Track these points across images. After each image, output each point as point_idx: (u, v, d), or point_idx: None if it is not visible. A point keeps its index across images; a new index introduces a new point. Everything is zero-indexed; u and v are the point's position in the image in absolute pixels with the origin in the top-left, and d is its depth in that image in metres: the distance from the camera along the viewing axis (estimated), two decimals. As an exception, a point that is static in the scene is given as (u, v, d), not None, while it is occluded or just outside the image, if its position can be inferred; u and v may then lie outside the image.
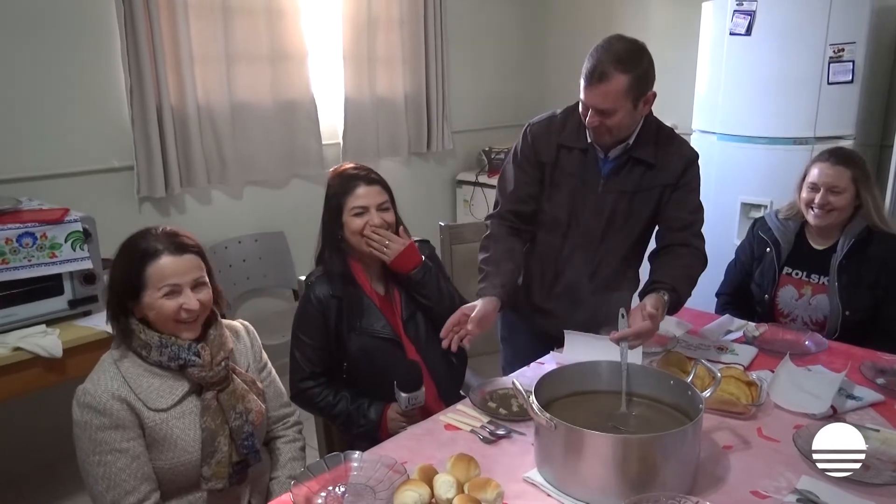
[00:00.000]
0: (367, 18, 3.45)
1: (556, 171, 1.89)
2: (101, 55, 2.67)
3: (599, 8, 4.06)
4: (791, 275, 2.16)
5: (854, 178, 2.03)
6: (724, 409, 1.53)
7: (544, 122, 1.93)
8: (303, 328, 1.81)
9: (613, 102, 1.69)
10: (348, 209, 1.77)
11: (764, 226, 2.24)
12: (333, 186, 1.82)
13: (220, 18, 2.92)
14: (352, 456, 1.36)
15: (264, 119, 3.16)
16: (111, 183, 2.77)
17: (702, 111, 3.23)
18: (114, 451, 1.35)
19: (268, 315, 3.37)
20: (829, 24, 2.75)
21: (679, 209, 1.86)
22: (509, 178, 1.96)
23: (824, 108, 2.83)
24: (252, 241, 3.26)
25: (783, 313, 2.18)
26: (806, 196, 2.09)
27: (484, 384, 1.70)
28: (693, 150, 1.90)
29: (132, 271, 1.39)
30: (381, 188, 1.81)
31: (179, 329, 1.42)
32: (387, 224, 1.78)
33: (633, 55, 1.69)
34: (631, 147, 1.83)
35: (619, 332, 1.55)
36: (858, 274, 2.04)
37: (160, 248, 1.40)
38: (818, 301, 2.11)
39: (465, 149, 4.22)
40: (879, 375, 1.72)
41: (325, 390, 1.79)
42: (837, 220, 2.06)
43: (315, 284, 1.81)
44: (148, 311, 1.40)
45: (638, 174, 1.84)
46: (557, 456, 1.27)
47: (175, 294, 1.40)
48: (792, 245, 2.16)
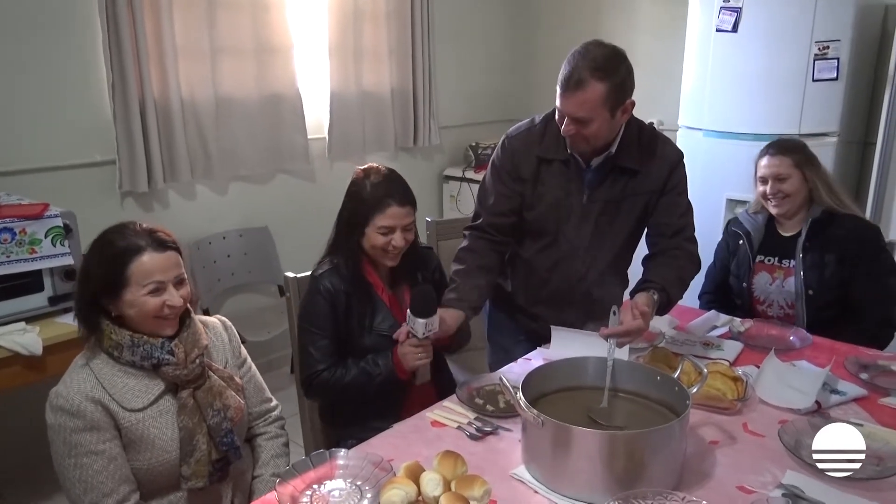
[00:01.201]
0: (353, 11, 3.42)
1: (538, 184, 1.85)
2: (83, 48, 2.63)
3: (587, 3, 4.05)
4: (764, 262, 2.23)
5: (796, 163, 2.13)
6: (710, 405, 1.54)
7: (523, 133, 1.87)
8: (312, 320, 1.75)
9: (590, 111, 1.64)
10: (375, 225, 1.71)
11: (736, 221, 2.33)
12: (364, 194, 1.73)
13: (205, 11, 2.89)
14: (337, 454, 1.35)
15: (249, 113, 3.13)
16: (93, 177, 2.73)
17: (688, 107, 3.24)
18: (90, 454, 1.33)
19: (253, 311, 3.35)
20: (815, 22, 2.77)
21: (669, 214, 1.84)
22: (489, 189, 1.90)
23: (809, 104, 2.85)
24: (237, 236, 3.23)
25: (759, 300, 2.23)
26: (760, 189, 2.19)
27: (471, 380, 1.69)
28: (677, 151, 1.88)
29: (113, 269, 1.36)
30: (412, 208, 1.75)
31: (160, 326, 1.40)
32: (408, 244, 1.75)
33: (610, 62, 1.63)
34: (613, 155, 1.79)
35: (610, 329, 1.55)
36: (821, 254, 2.11)
37: (142, 244, 1.37)
38: (790, 284, 2.17)
39: (451, 144, 4.21)
40: (863, 370, 1.73)
41: (333, 371, 1.73)
42: (794, 205, 2.14)
43: (324, 276, 1.76)
44: (128, 308, 1.37)
45: (623, 182, 1.81)
46: (545, 452, 1.27)
47: (160, 291, 1.37)
48: (763, 234, 2.23)
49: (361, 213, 1.72)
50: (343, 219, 1.78)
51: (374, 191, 1.72)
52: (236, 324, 1.69)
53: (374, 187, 1.73)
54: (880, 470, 1.30)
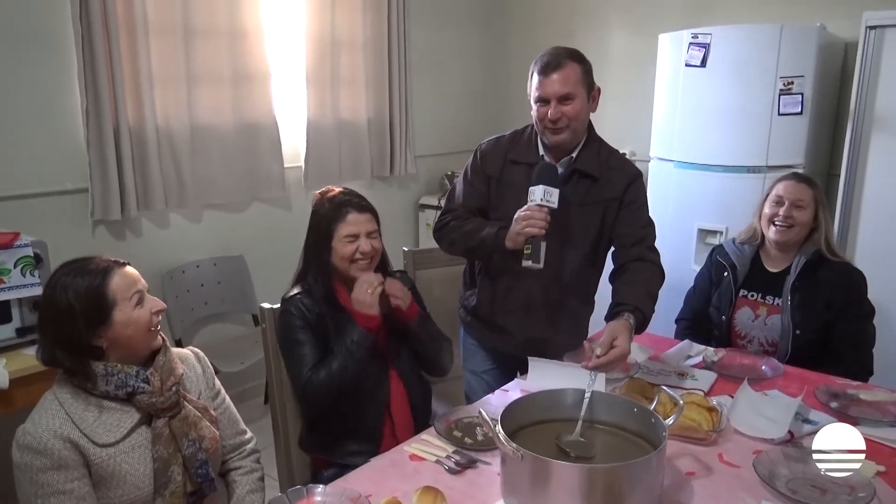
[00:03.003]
0: (330, 41, 3.45)
1: (502, 184, 1.94)
2: (57, 74, 2.61)
3: (560, 35, 4.13)
4: (747, 297, 2.23)
5: (815, 198, 2.16)
6: (686, 436, 1.55)
7: (493, 140, 2.01)
8: (289, 334, 1.75)
9: (573, 87, 1.79)
10: (339, 236, 1.76)
11: (722, 251, 2.32)
12: (322, 210, 1.80)
13: (182, 39, 2.89)
14: (315, 489, 1.33)
15: (225, 141, 3.12)
16: (64, 206, 2.69)
17: (659, 139, 3.31)
18: (57, 493, 1.29)
19: (226, 341, 3.30)
20: (780, 58, 2.86)
21: (630, 225, 1.91)
22: (458, 192, 2.03)
23: (776, 137, 2.93)
24: (211, 265, 3.20)
25: (740, 335, 2.24)
26: (769, 211, 2.18)
27: (449, 413, 1.69)
28: (635, 168, 1.97)
29: (95, 296, 1.32)
30: (371, 216, 1.81)
31: (153, 338, 1.42)
32: (375, 251, 1.79)
33: (578, 53, 1.85)
34: (575, 160, 1.88)
35: (594, 361, 1.57)
36: (810, 295, 2.12)
37: (112, 262, 1.39)
38: (773, 321, 2.17)
39: (427, 173, 4.24)
40: (833, 399, 1.76)
41: (319, 368, 1.71)
42: (796, 237, 2.15)
43: (294, 298, 1.76)
44: (123, 330, 1.35)
45: (584, 188, 1.89)
46: (524, 486, 1.26)
47: (143, 301, 1.39)
48: (748, 268, 2.24)
49: (324, 229, 1.77)
50: (309, 243, 1.82)
51: (331, 204, 1.80)
52: (209, 354, 1.68)
53: (330, 201, 1.80)
54: (852, 500, 1.31)
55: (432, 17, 4.07)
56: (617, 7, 3.93)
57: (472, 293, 2.09)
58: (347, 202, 1.79)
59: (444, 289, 2.47)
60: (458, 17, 4.27)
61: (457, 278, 2.25)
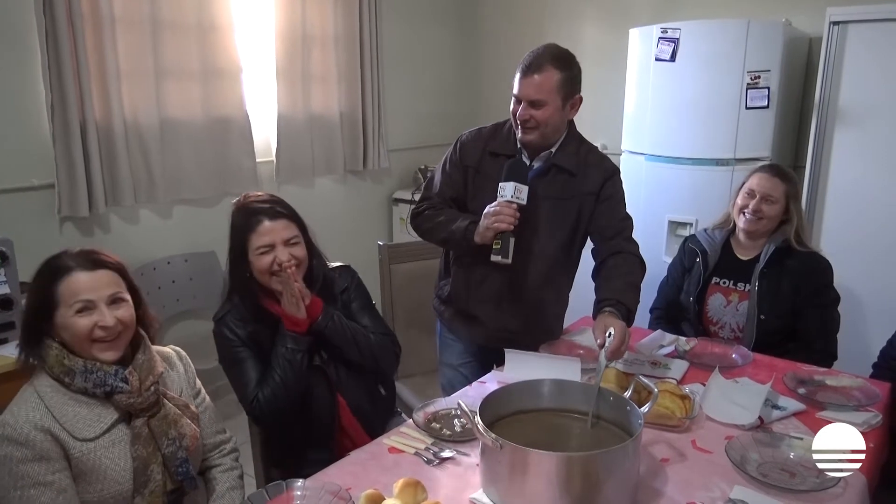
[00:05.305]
0: (301, 35, 3.42)
1: (479, 175, 1.95)
2: (20, 68, 2.54)
3: (531, 28, 4.16)
4: (719, 284, 2.30)
5: (787, 192, 2.21)
6: (660, 423, 1.58)
7: (474, 131, 2.02)
8: (229, 353, 1.70)
9: (547, 94, 1.78)
10: (253, 248, 1.65)
11: (693, 239, 2.40)
12: (236, 222, 1.69)
13: (149, 33, 2.83)
14: (294, 484, 1.33)
15: (195, 136, 3.07)
16: (30, 202, 2.63)
17: (630, 132, 3.35)
18: (37, 485, 1.27)
19: (198, 338, 3.24)
20: (747, 53, 2.91)
21: (608, 219, 1.93)
22: (436, 181, 2.04)
23: (743, 131, 2.99)
24: (182, 261, 3.15)
25: (713, 321, 2.30)
26: (741, 202, 2.24)
27: (426, 405, 1.69)
28: (613, 164, 2.00)
29: (44, 289, 1.34)
30: (288, 221, 1.69)
31: (96, 350, 1.34)
32: (297, 260, 1.67)
33: (567, 57, 1.84)
34: (554, 155, 1.90)
35: (610, 348, 1.59)
36: (777, 283, 2.18)
37: (72, 264, 1.36)
38: (744, 307, 2.24)
39: (401, 167, 4.23)
40: (800, 385, 1.81)
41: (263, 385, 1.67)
42: (764, 228, 2.22)
43: (224, 321, 1.70)
44: (62, 331, 1.34)
45: (561, 182, 1.91)
46: (503, 476, 1.28)
47: (88, 311, 1.33)
48: (719, 255, 2.30)
49: (238, 242, 1.68)
50: (230, 258, 1.72)
51: (242, 215, 1.69)
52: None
53: (243, 212, 1.70)
54: (820, 482, 1.35)
55: (404, 12, 4.05)
56: (587, 2, 3.96)
57: (446, 282, 2.10)
58: (259, 210, 1.67)
59: (418, 283, 2.48)
60: (430, 11, 4.26)
61: (431, 272, 2.25)
